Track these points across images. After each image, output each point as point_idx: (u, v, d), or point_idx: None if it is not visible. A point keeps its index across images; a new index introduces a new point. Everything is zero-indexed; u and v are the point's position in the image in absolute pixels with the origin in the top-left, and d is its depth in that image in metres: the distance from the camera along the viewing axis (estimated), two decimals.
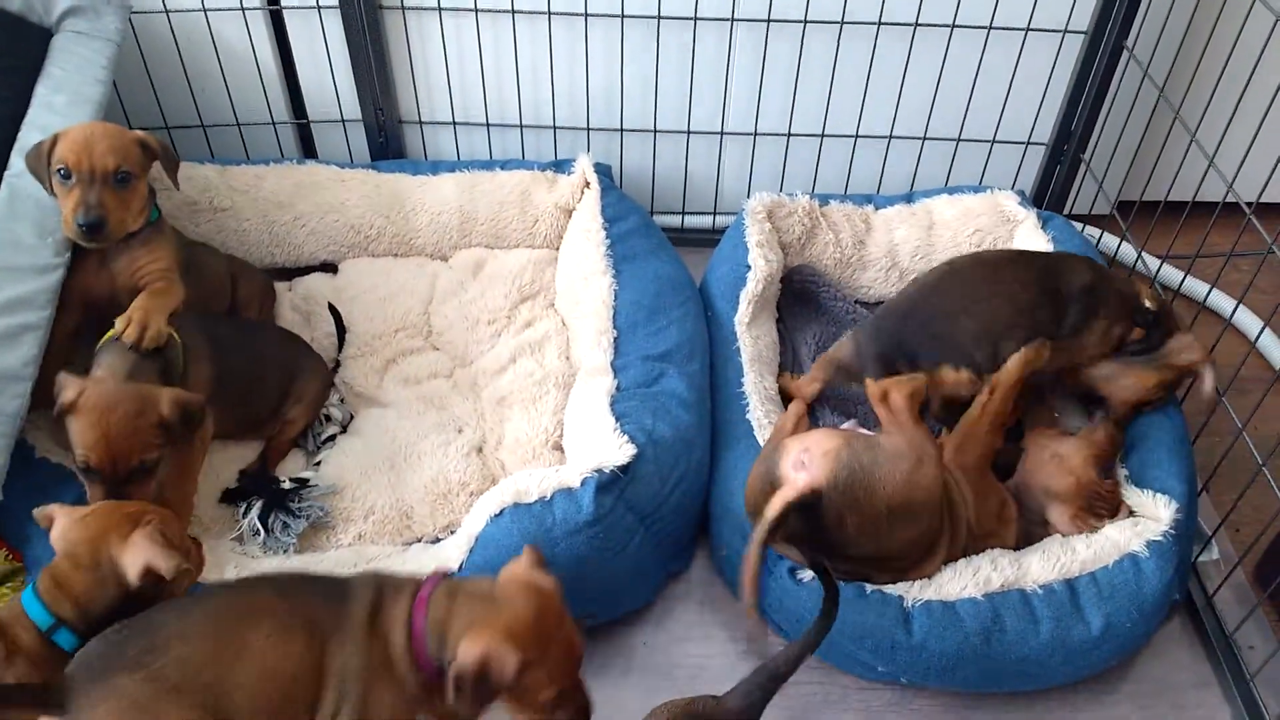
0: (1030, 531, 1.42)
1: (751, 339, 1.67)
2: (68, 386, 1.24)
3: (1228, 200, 1.44)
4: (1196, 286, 1.92)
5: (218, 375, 1.43)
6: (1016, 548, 1.39)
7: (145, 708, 0.97)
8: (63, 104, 1.53)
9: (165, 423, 1.26)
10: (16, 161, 1.45)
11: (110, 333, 1.35)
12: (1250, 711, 1.35)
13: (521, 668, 0.98)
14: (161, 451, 1.27)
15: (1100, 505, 1.40)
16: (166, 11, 1.80)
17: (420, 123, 2.00)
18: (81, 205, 1.35)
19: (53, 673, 1.01)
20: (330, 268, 1.89)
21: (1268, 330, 1.85)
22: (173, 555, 1.06)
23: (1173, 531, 1.36)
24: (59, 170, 1.36)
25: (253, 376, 1.52)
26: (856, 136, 1.98)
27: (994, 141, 1.98)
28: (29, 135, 1.49)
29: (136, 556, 1.06)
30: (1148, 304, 1.53)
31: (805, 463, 1.26)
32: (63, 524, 1.10)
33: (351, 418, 1.64)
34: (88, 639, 1.04)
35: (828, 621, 1.01)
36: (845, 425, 1.56)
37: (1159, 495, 1.41)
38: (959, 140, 1.98)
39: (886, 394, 1.40)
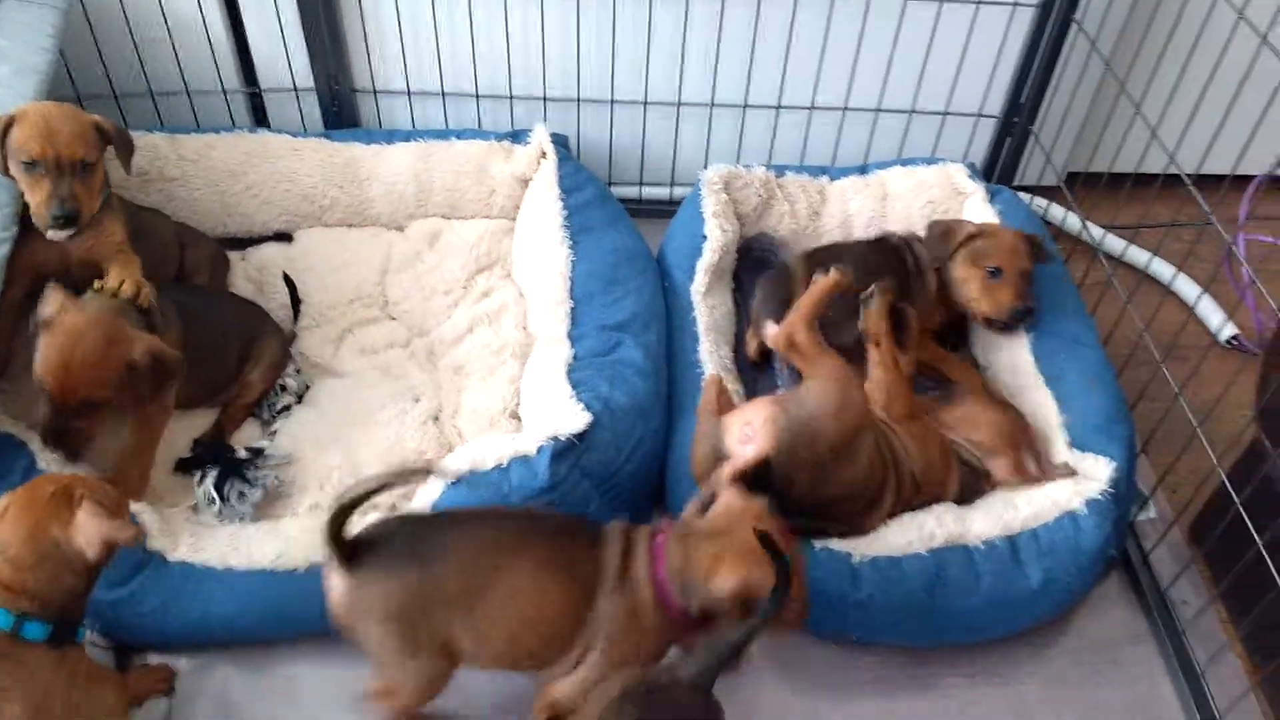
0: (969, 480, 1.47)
1: (707, 308, 1.70)
2: (51, 301, 1.24)
3: (1169, 171, 1.48)
4: (1140, 256, 1.97)
5: (184, 342, 1.43)
6: (960, 500, 1.44)
7: (415, 607, 1.09)
8: (7, 74, 1.50)
9: (132, 365, 1.27)
10: None
11: (95, 287, 1.37)
12: (1182, 663, 1.41)
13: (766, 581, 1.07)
14: (115, 396, 1.27)
15: (1021, 433, 1.49)
16: None
17: (375, 92, 1.99)
18: (54, 198, 1.35)
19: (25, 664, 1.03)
20: (285, 237, 1.88)
21: (1206, 298, 1.91)
22: (125, 524, 1.06)
23: (1110, 491, 1.41)
24: (24, 161, 1.35)
25: (215, 342, 1.53)
26: (812, 109, 2.00)
27: (946, 114, 2.01)
28: None
29: (91, 535, 1.05)
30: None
31: (750, 435, 1.31)
32: None
33: (307, 388, 1.64)
34: (60, 623, 1.05)
35: (779, 595, 1.05)
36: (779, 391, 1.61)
37: (1099, 457, 1.46)
38: (912, 112, 2.01)
39: (791, 338, 1.44)
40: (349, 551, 1.09)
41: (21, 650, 1.04)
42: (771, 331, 1.49)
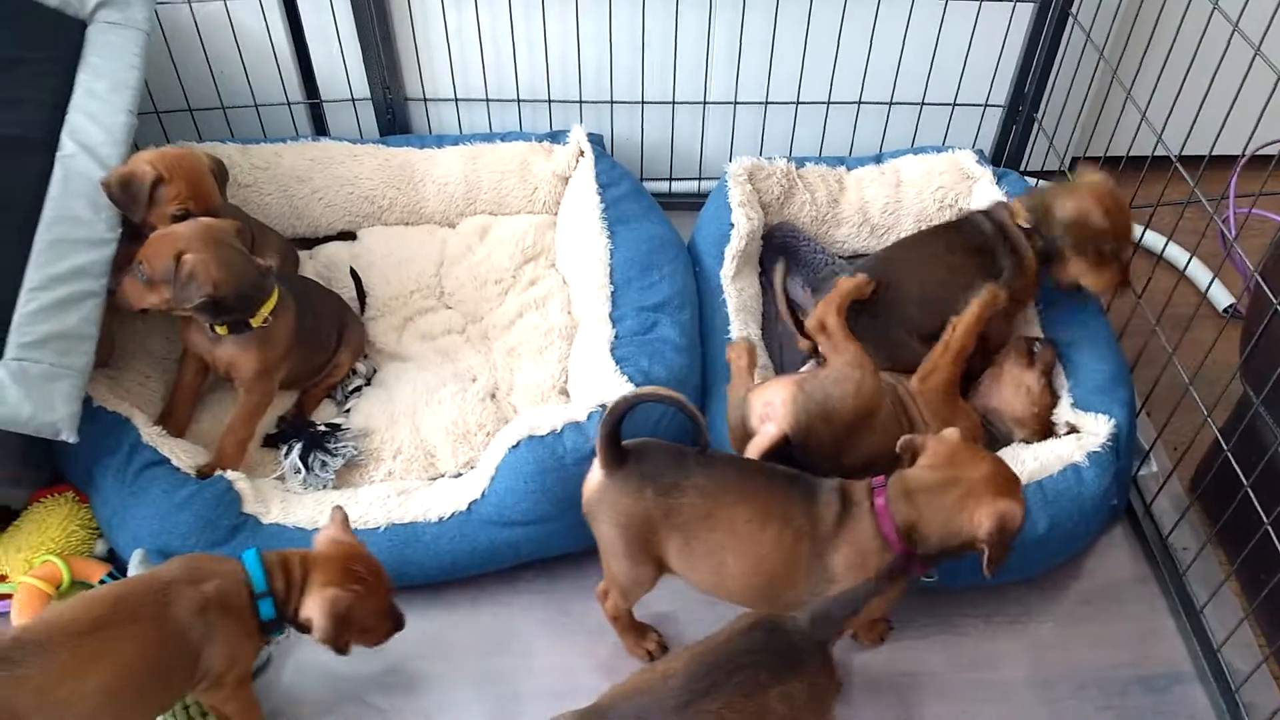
0: (990, 448, 1.59)
1: (736, 290, 1.83)
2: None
3: (1160, 153, 1.60)
4: (1152, 238, 2.09)
5: (297, 324, 1.60)
6: None
7: (641, 522, 1.25)
8: (104, 90, 1.66)
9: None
10: (67, 143, 1.58)
11: None
12: (1183, 602, 1.53)
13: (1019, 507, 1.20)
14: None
15: (1051, 423, 1.60)
16: (189, 1, 1.94)
17: (424, 99, 2.15)
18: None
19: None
20: (349, 235, 2.04)
21: (1199, 267, 2.02)
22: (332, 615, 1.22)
23: (1110, 444, 1.53)
24: (176, 214, 1.55)
25: (320, 326, 1.69)
26: (829, 103, 2.13)
27: (955, 104, 2.13)
28: (76, 118, 1.62)
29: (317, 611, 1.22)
30: (1021, 222, 1.67)
31: (769, 414, 1.43)
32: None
33: (375, 371, 1.80)
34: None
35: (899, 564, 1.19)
36: (805, 368, 1.73)
37: (1100, 415, 1.57)
38: (923, 104, 2.13)
39: (823, 322, 1.55)
40: (614, 455, 1.25)
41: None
42: (811, 320, 1.59)
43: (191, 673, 1.17)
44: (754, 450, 1.41)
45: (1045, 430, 1.62)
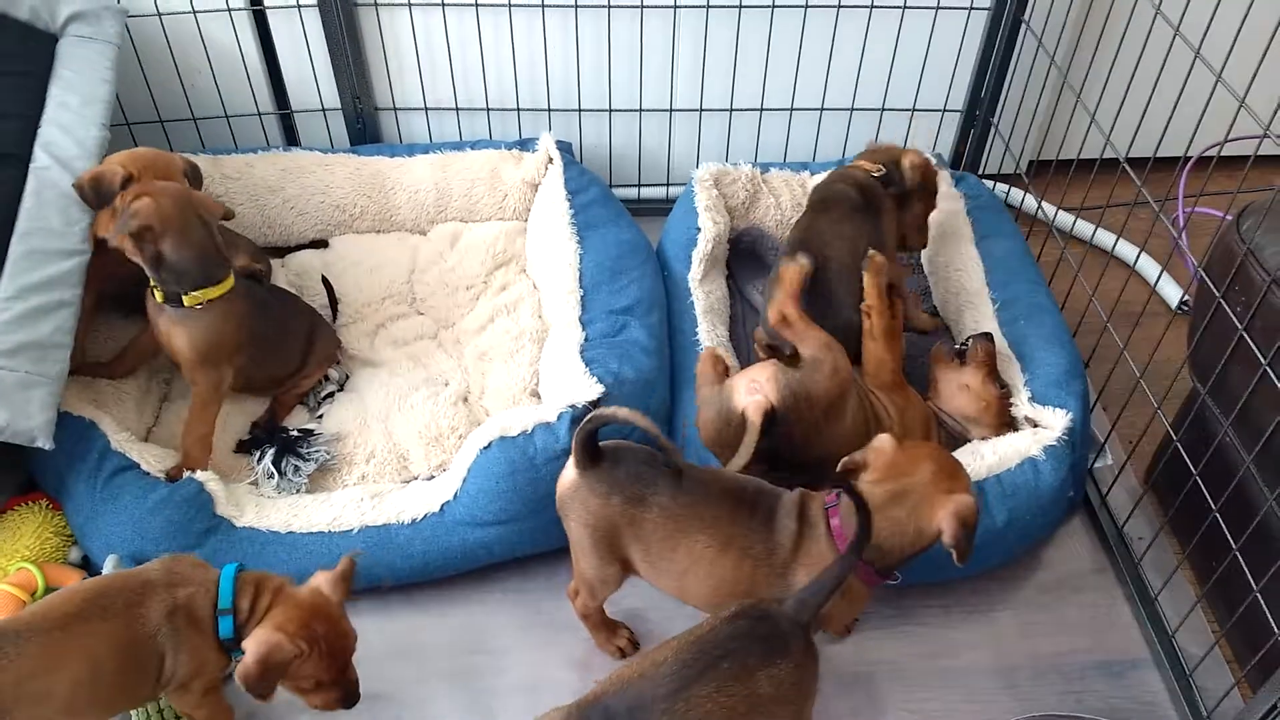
0: (948, 445, 1.63)
1: (704, 293, 1.87)
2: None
3: (1110, 155, 1.65)
4: (1104, 237, 2.15)
5: (249, 327, 1.60)
6: None
7: (608, 526, 1.29)
8: (76, 103, 1.68)
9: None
10: (41, 155, 1.60)
11: None
12: (1138, 590, 1.57)
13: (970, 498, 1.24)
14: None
15: (1005, 415, 1.63)
16: (159, 15, 1.95)
17: (394, 109, 2.17)
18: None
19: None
20: (321, 244, 2.06)
21: (1154, 265, 2.08)
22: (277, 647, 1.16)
23: (1065, 438, 1.56)
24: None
25: (280, 338, 1.70)
26: (792, 110, 2.18)
27: (914, 110, 2.18)
28: (49, 131, 1.63)
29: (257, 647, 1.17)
30: (874, 173, 1.77)
31: (757, 388, 1.46)
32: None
33: (348, 377, 1.82)
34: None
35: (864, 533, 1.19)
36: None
37: (1056, 409, 1.60)
38: (883, 110, 2.18)
39: (782, 315, 1.56)
40: (589, 455, 1.27)
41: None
42: (771, 316, 1.61)
43: (158, 674, 1.18)
44: (755, 416, 1.42)
45: (1002, 423, 1.65)
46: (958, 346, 1.70)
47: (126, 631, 1.15)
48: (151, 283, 1.53)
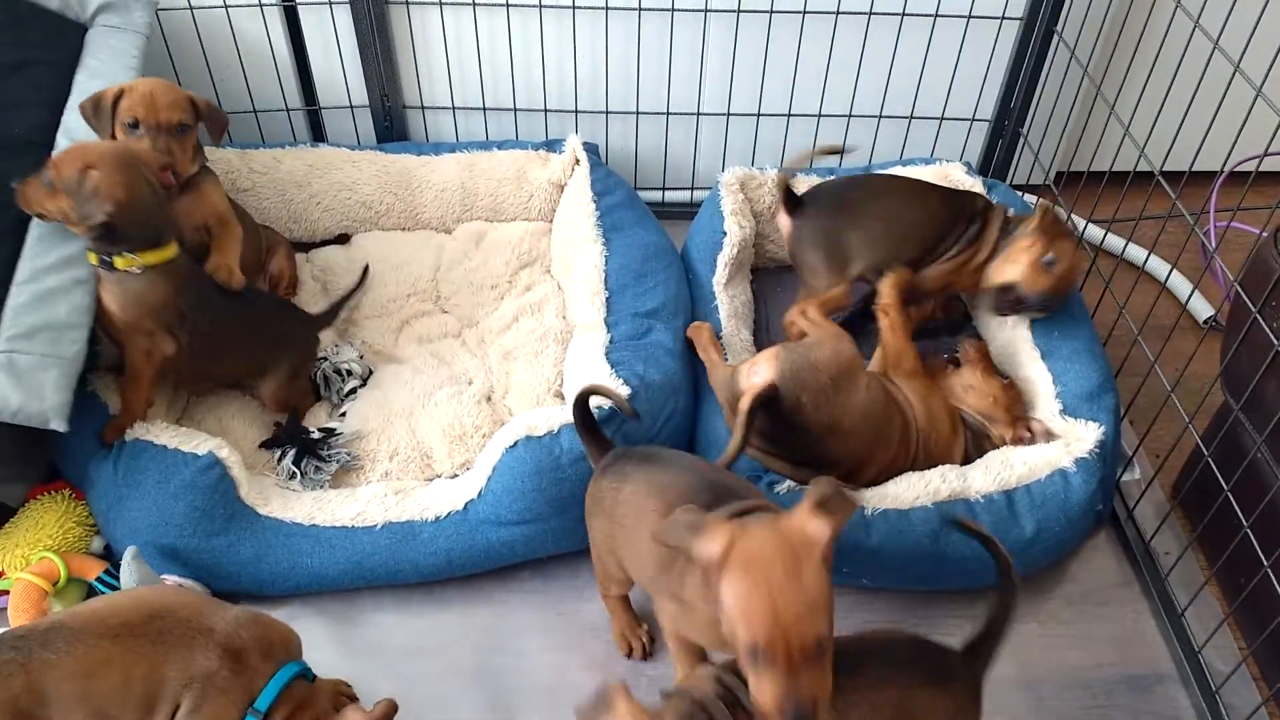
0: (978, 445, 1.63)
1: (728, 297, 1.86)
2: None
3: (1143, 168, 1.64)
4: (1136, 251, 2.14)
5: (177, 307, 1.54)
6: (964, 461, 1.59)
7: (592, 501, 1.32)
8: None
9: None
10: (62, 141, 1.61)
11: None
12: (1165, 605, 1.56)
13: None
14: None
15: (1018, 405, 1.63)
16: (191, 8, 1.96)
17: (422, 107, 2.18)
18: (153, 151, 1.56)
19: None
20: (344, 239, 2.06)
21: (1179, 279, 2.07)
22: None
23: (1097, 451, 1.55)
24: (128, 122, 1.56)
25: (238, 334, 1.65)
26: (819, 116, 2.17)
27: (942, 119, 2.18)
28: (71, 119, 1.64)
29: None
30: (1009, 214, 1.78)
31: (757, 370, 1.48)
32: None
33: (371, 373, 1.82)
34: None
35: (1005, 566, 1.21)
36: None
37: (1088, 423, 1.60)
38: (911, 118, 2.18)
39: (804, 311, 1.65)
40: (596, 450, 1.36)
41: None
42: (791, 315, 1.69)
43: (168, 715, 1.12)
44: (747, 397, 1.44)
45: (1015, 414, 1.65)
46: (948, 356, 1.75)
47: (163, 666, 1.11)
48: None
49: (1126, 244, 2.00)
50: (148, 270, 1.49)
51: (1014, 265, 1.72)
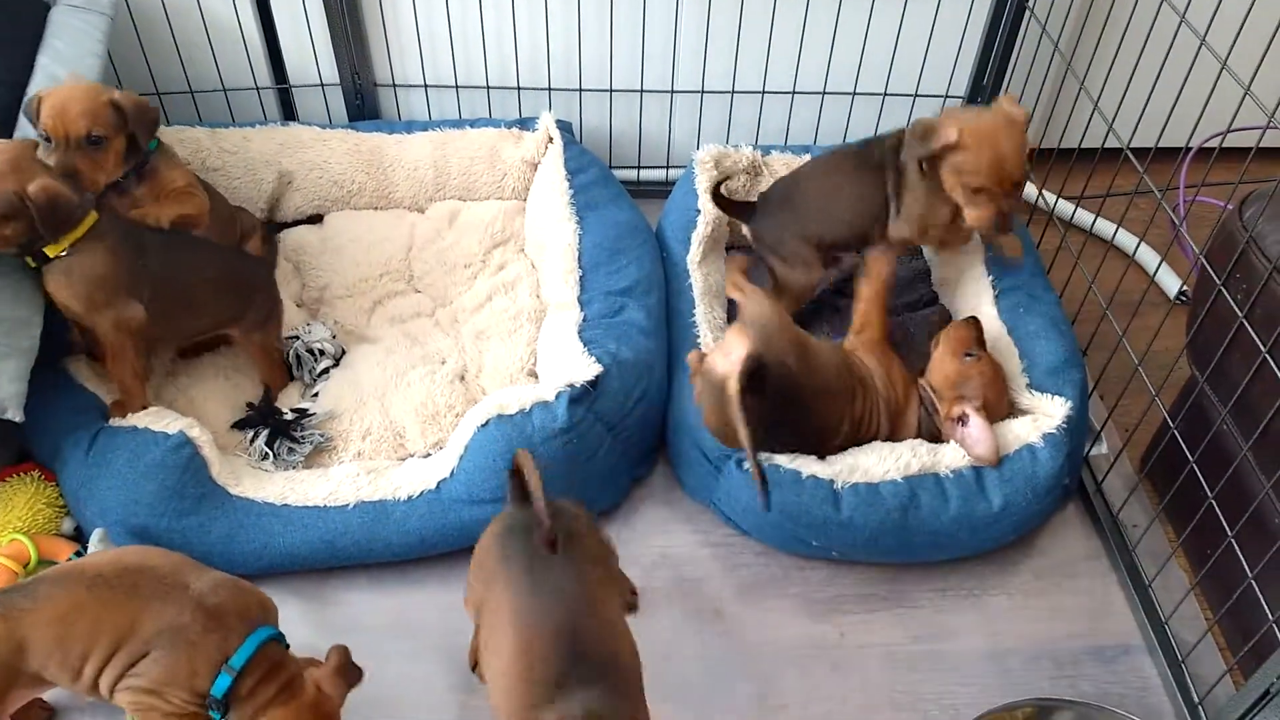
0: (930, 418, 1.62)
1: (702, 275, 1.86)
2: None
3: (1111, 143, 1.65)
4: (1102, 226, 2.15)
5: (140, 267, 1.52)
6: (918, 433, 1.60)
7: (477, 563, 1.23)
8: (64, 76, 1.65)
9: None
10: (24, 124, 1.58)
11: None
12: (1132, 576, 1.57)
13: None
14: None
15: (968, 386, 1.58)
16: None
17: (394, 85, 2.16)
18: (57, 168, 1.48)
19: None
20: (316, 219, 2.05)
21: (1154, 255, 2.08)
22: None
23: (1064, 426, 1.56)
24: (42, 134, 1.50)
25: (190, 282, 1.60)
26: (794, 93, 2.17)
27: (916, 95, 2.18)
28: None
29: None
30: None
31: (730, 349, 1.46)
32: None
33: (344, 353, 1.81)
34: None
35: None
36: None
37: (1055, 397, 1.61)
38: (885, 94, 2.17)
39: (736, 284, 1.61)
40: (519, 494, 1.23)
41: None
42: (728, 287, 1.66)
43: (129, 664, 1.14)
44: (733, 384, 1.41)
45: (959, 395, 1.57)
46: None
47: (139, 615, 1.13)
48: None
49: (1095, 219, 2.02)
50: (76, 246, 1.45)
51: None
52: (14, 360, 1.43)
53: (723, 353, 1.48)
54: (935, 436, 1.60)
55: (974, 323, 1.67)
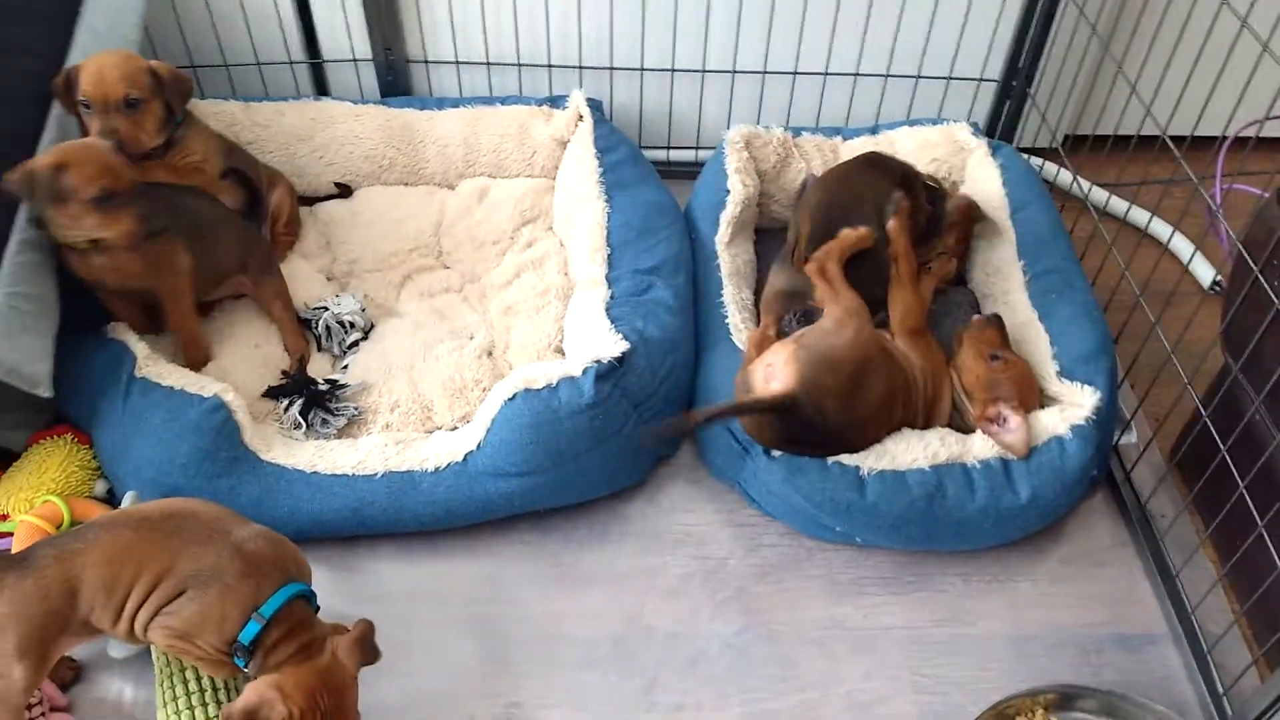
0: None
1: (730, 256, 1.85)
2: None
3: (1149, 130, 1.62)
4: (1138, 214, 2.13)
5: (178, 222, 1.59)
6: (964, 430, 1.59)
7: None
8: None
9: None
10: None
11: None
12: (1159, 566, 1.56)
13: None
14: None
15: (1002, 388, 1.56)
16: None
17: (426, 61, 2.16)
18: (100, 132, 1.56)
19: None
20: (345, 192, 2.06)
21: (1187, 243, 2.05)
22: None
23: (1093, 417, 1.54)
24: (81, 101, 1.56)
25: (213, 228, 1.68)
26: (826, 74, 2.15)
27: (950, 78, 2.15)
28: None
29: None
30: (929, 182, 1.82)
31: (773, 374, 1.46)
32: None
33: (373, 326, 1.82)
34: None
35: None
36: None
37: (1085, 386, 1.59)
38: (918, 77, 2.15)
39: (823, 268, 1.58)
40: None
41: None
42: (811, 266, 1.62)
43: (161, 604, 1.17)
44: (752, 400, 1.44)
45: (993, 397, 1.56)
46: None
47: (179, 556, 1.17)
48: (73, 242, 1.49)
49: (1129, 207, 1.99)
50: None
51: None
52: (44, 339, 1.46)
53: (763, 365, 1.48)
54: (962, 429, 1.59)
55: (997, 322, 1.66)
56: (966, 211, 1.88)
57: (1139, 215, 2.10)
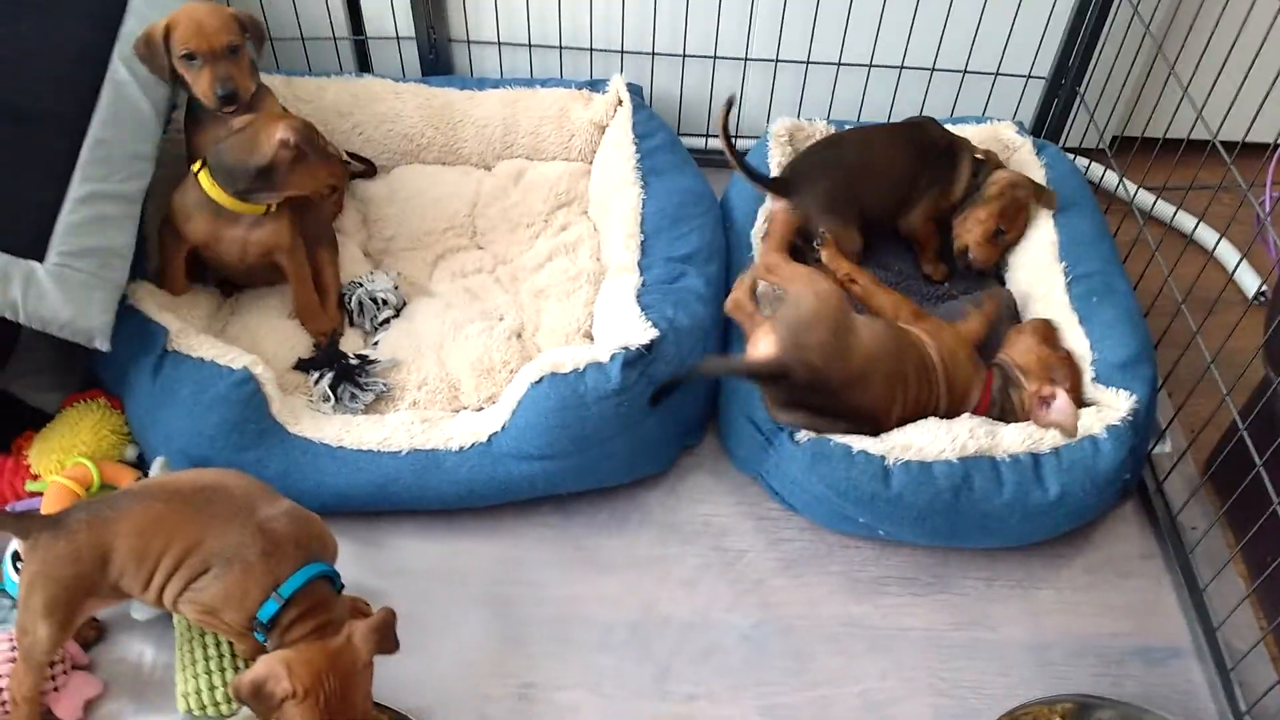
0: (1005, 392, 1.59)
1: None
2: None
3: (1199, 136, 1.58)
4: (1183, 220, 2.08)
5: None
6: (987, 407, 1.57)
7: None
8: (155, 16, 1.69)
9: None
10: (120, 67, 1.62)
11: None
12: (1187, 579, 1.54)
13: None
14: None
15: (1060, 372, 1.59)
16: None
17: (468, 41, 2.16)
18: (217, 80, 1.62)
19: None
20: (370, 169, 2.07)
21: (1234, 251, 2.01)
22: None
23: (1129, 419, 1.52)
24: (184, 55, 1.61)
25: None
26: (870, 66, 2.12)
27: (997, 74, 2.12)
28: (125, 49, 1.65)
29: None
30: (978, 154, 1.89)
31: (760, 344, 1.49)
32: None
33: (405, 304, 1.84)
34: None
35: None
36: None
37: (1121, 391, 1.56)
38: (965, 72, 2.12)
39: (768, 265, 1.67)
40: None
41: None
42: (759, 269, 1.70)
43: (190, 579, 1.19)
44: (746, 364, 1.51)
45: (1049, 377, 1.58)
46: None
47: (204, 532, 1.18)
48: (241, 203, 1.60)
49: (1176, 212, 1.95)
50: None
51: (970, 232, 1.86)
52: (104, 291, 1.48)
53: (750, 346, 1.52)
54: (1004, 414, 1.57)
55: (1052, 323, 1.68)
56: (1007, 188, 1.84)
57: (1185, 220, 2.06)
